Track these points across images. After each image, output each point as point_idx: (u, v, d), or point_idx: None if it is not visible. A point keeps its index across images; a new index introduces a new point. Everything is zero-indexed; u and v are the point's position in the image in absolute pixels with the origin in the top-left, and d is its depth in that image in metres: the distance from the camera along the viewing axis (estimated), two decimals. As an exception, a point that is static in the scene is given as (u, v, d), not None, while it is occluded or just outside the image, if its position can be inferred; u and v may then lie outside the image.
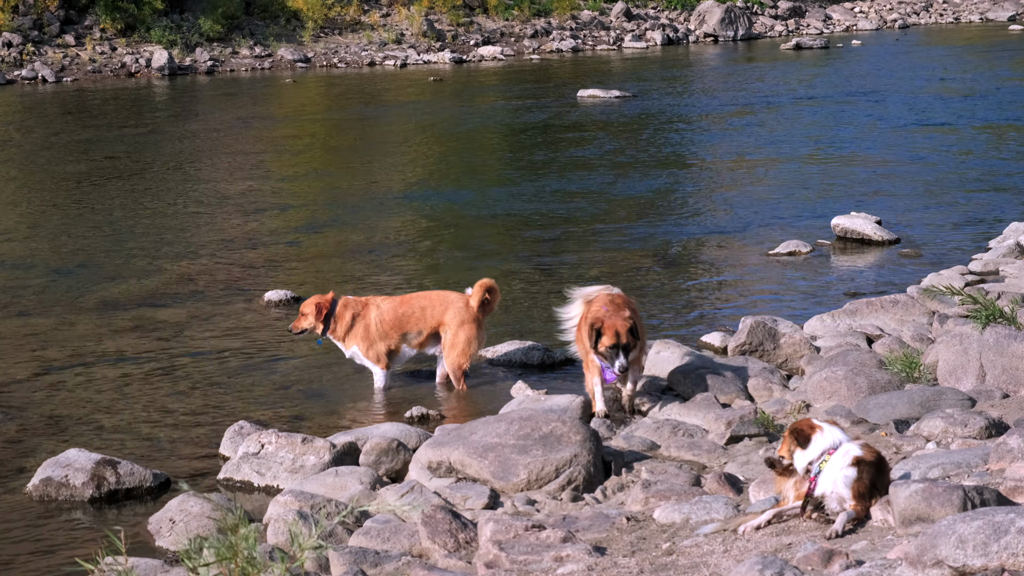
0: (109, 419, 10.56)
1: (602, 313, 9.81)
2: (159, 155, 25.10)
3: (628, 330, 9.72)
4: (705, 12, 53.78)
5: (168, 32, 42.52)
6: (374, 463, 9.00)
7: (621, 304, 9.98)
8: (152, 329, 13.15)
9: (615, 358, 9.70)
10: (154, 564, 7.41)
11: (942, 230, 17.19)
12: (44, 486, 8.94)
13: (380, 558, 6.98)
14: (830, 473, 6.66)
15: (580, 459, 8.37)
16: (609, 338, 9.70)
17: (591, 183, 21.28)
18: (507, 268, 15.53)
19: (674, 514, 7.26)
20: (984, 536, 5.43)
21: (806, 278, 14.87)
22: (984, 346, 9.31)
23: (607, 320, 9.73)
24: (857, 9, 63.16)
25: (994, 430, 8.13)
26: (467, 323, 11.13)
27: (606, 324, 9.71)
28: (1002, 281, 13.57)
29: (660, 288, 14.59)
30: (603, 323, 9.73)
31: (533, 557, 6.60)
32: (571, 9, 51.87)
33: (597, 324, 9.74)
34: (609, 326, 9.70)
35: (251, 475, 9.13)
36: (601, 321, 9.75)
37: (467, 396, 11.09)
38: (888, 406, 8.93)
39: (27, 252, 16.78)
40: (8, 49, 40.20)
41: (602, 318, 9.77)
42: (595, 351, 9.77)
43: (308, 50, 44.58)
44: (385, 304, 11.35)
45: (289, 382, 11.52)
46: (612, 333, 9.69)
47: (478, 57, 46.08)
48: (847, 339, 11.37)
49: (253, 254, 16.49)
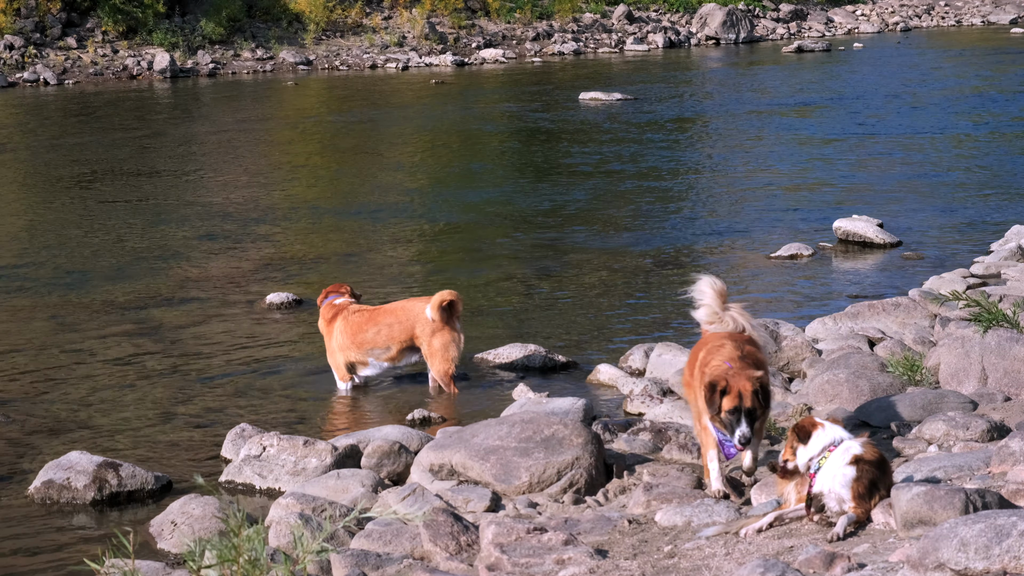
0: (111, 422, 10.56)
1: (725, 371, 7.95)
2: (161, 157, 25.10)
3: (754, 392, 7.83)
4: (707, 15, 53.76)
5: (170, 35, 42.52)
6: (376, 466, 9.00)
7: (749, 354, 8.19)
8: (154, 331, 13.15)
9: (736, 425, 7.82)
10: (156, 566, 7.42)
11: (944, 233, 17.18)
12: (46, 488, 8.95)
13: (382, 560, 6.98)
14: (829, 470, 6.67)
15: (582, 462, 8.37)
16: (732, 399, 7.84)
17: (593, 186, 21.28)
18: (508, 271, 15.53)
19: (676, 517, 7.26)
20: (986, 539, 5.43)
21: (808, 281, 14.87)
22: (986, 349, 9.31)
23: (731, 379, 7.86)
24: (859, 12, 63.15)
25: (996, 433, 8.13)
26: (438, 331, 11.10)
27: (731, 384, 7.84)
28: (1004, 284, 13.57)
29: (662, 290, 14.59)
30: (727, 383, 7.85)
31: (535, 560, 6.60)
32: (573, 12, 51.86)
33: (720, 383, 7.86)
34: (733, 386, 7.82)
35: (253, 478, 9.13)
36: (725, 380, 7.86)
37: (468, 399, 11.08)
38: (890, 409, 8.93)
39: (29, 254, 16.78)
40: (10, 52, 40.21)
41: (725, 376, 7.88)
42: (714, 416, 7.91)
43: (310, 53, 44.58)
44: (354, 317, 11.32)
45: (291, 384, 11.52)
46: (735, 394, 7.82)
47: (480, 60, 46.08)
48: (849, 342, 11.37)
49: (255, 256, 16.49)
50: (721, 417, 7.82)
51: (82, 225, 18.61)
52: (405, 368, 11.54)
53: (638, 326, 13.16)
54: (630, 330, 13.02)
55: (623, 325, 13.27)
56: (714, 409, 7.84)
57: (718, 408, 7.82)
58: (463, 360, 11.40)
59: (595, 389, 11.20)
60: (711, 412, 7.86)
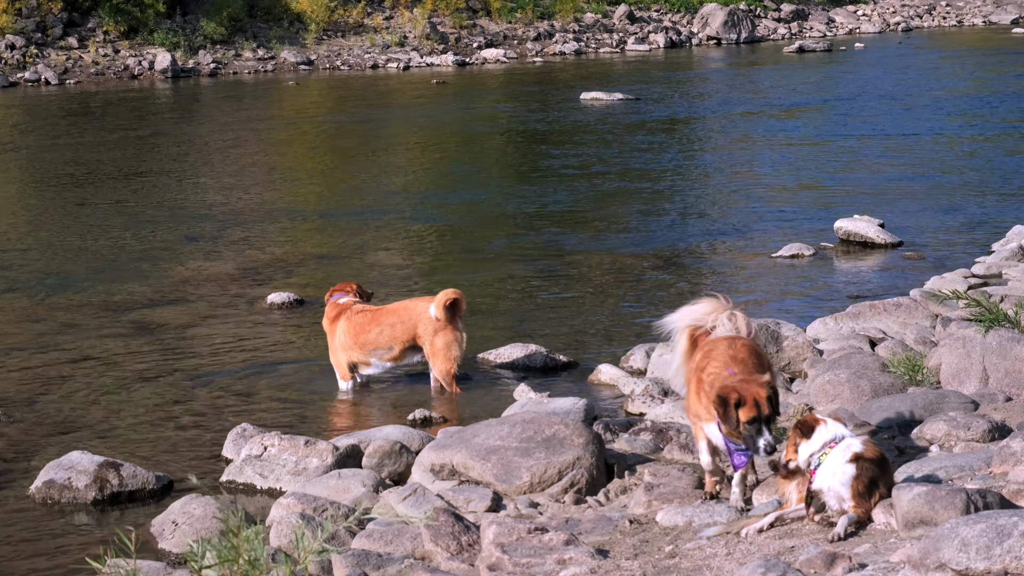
0: (112, 421, 10.56)
1: (731, 379, 7.38)
2: (162, 157, 25.11)
3: (768, 397, 7.24)
4: (708, 15, 53.78)
5: (171, 35, 42.54)
6: (377, 466, 9.00)
7: (748, 356, 7.63)
8: (155, 331, 13.15)
9: (759, 435, 7.18)
10: (157, 566, 7.42)
11: (945, 233, 17.18)
12: (47, 488, 8.95)
13: (383, 560, 6.98)
14: (829, 466, 6.67)
15: (583, 462, 8.37)
16: (749, 410, 7.21)
17: (594, 185, 21.28)
18: (510, 270, 15.54)
19: (677, 517, 7.26)
20: (987, 539, 5.43)
21: (809, 281, 14.87)
22: (987, 349, 9.30)
23: (742, 387, 7.26)
24: (860, 12, 63.17)
25: (997, 433, 8.13)
26: (440, 330, 11.10)
27: (743, 393, 7.23)
28: (1005, 284, 13.56)
29: (662, 290, 14.59)
30: (738, 392, 7.24)
31: (536, 560, 6.61)
32: (574, 12, 51.87)
33: (732, 396, 7.23)
34: (748, 395, 7.23)
35: (254, 477, 9.13)
36: (736, 391, 7.24)
37: (470, 399, 11.08)
38: (891, 409, 8.92)
39: (30, 254, 16.79)
40: (11, 51, 40.22)
41: (735, 386, 7.28)
42: (730, 431, 7.31)
43: (311, 52, 44.59)
44: (357, 317, 11.32)
45: (292, 384, 11.52)
46: (752, 404, 7.21)
47: (481, 60, 46.09)
48: (850, 342, 11.37)
49: (256, 256, 16.49)
50: (739, 430, 7.24)
51: (83, 224, 18.61)
52: (407, 368, 11.54)
53: (639, 326, 13.16)
54: (631, 330, 13.02)
55: (624, 325, 13.27)
56: (732, 424, 7.23)
57: (736, 422, 7.21)
58: (465, 360, 11.40)
59: (596, 389, 11.20)
60: (728, 428, 7.27)
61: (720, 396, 7.24)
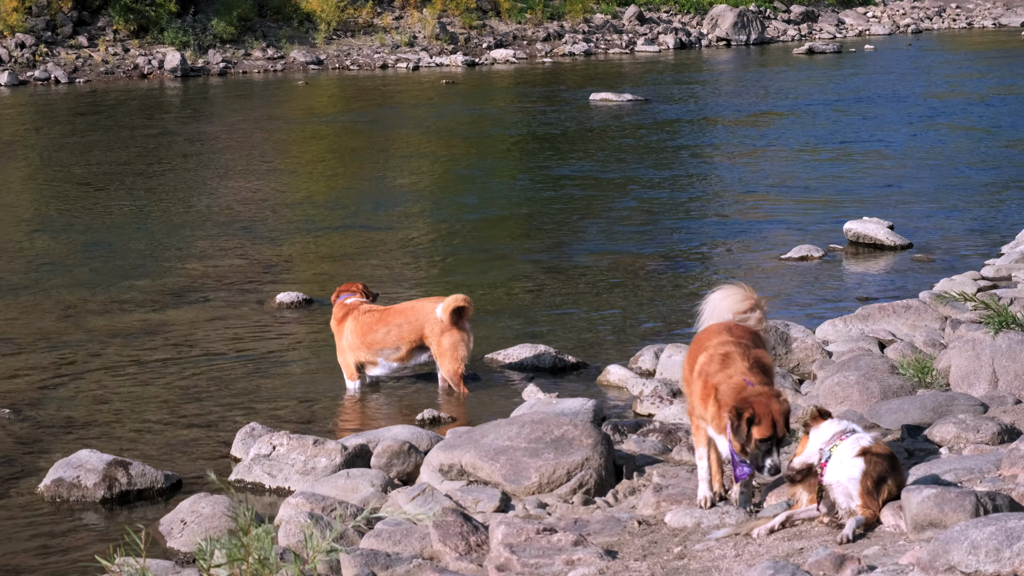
0: (121, 420, 10.58)
1: (750, 392, 6.98)
2: (171, 156, 25.14)
3: (783, 415, 6.93)
4: (718, 16, 53.73)
5: (181, 34, 42.57)
6: (385, 465, 9.00)
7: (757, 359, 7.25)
8: (164, 330, 13.17)
9: (768, 456, 6.90)
10: (166, 565, 7.43)
11: (955, 235, 17.16)
12: (56, 487, 8.96)
13: (391, 560, 6.98)
14: (838, 458, 6.67)
15: (591, 462, 8.36)
16: (764, 429, 6.87)
17: (603, 186, 21.28)
18: (518, 270, 15.54)
19: (686, 518, 7.26)
20: (996, 542, 5.43)
21: (818, 283, 14.86)
22: (997, 352, 9.29)
23: (759, 405, 6.89)
24: (870, 14, 63.10)
25: (1007, 436, 8.12)
26: (447, 330, 11.10)
27: (758, 411, 6.87)
28: (1015, 287, 13.55)
29: (671, 291, 14.59)
30: (754, 411, 6.88)
31: (544, 560, 6.61)
32: (584, 13, 51.85)
33: (746, 411, 6.88)
34: (762, 413, 6.86)
35: (263, 477, 9.14)
36: (751, 408, 6.88)
37: (478, 399, 11.09)
38: (900, 411, 8.91)
39: (39, 252, 16.81)
40: (21, 50, 40.28)
41: (751, 400, 6.92)
42: (739, 447, 6.97)
43: (321, 52, 44.61)
44: (364, 317, 11.33)
45: (301, 384, 11.53)
46: (769, 423, 6.85)
47: (490, 60, 46.08)
48: (859, 344, 11.36)
49: (265, 255, 16.51)
50: (748, 447, 6.91)
51: (92, 223, 18.64)
52: (414, 368, 11.55)
53: (648, 327, 13.16)
54: (640, 331, 13.02)
55: (633, 326, 13.27)
56: (742, 439, 6.88)
57: (746, 438, 6.87)
58: (473, 360, 11.41)
59: (605, 390, 11.21)
60: (738, 443, 6.92)
61: (736, 409, 6.92)
